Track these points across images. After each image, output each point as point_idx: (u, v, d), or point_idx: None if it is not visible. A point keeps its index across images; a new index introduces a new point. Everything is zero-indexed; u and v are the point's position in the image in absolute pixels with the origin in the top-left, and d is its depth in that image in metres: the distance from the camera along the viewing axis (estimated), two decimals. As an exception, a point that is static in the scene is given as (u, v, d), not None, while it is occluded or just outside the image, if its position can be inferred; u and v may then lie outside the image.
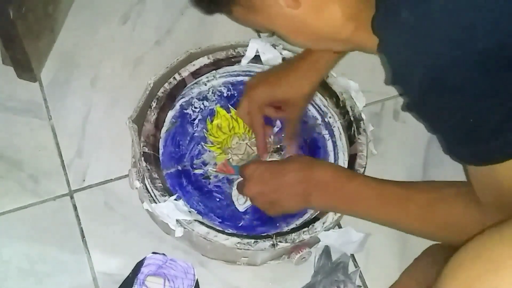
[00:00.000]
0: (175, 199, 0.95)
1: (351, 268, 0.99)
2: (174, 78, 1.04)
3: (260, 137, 1.01)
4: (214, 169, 1.02)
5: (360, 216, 0.94)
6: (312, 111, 1.06)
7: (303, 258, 0.96)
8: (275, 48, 1.07)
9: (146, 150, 0.98)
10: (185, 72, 1.05)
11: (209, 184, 1.01)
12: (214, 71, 1.07)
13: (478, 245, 0.62)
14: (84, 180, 1.04)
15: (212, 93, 1.07)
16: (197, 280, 0.96)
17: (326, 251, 0.98)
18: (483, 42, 0.62)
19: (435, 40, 0.65)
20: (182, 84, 1.05)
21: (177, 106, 1.04)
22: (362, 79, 1.07)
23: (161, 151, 1.01)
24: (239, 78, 1.08)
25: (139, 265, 0.95)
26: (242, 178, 0.97)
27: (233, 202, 0.99)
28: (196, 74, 1.06)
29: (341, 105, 1.05)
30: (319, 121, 1.06)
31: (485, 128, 0.67)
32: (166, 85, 1.04)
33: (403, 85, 0.73)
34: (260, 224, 0.97)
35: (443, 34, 0.64)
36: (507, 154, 0.67)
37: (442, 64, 0.65)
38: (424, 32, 0.66)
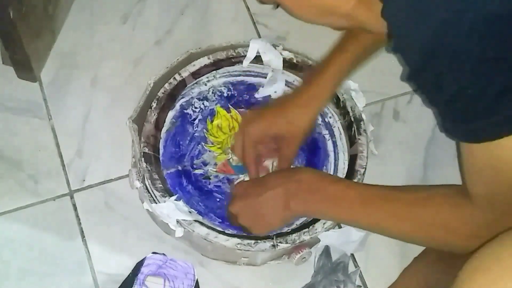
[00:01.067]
0: (175, 200, 0.95)
1: (351, 268, 0.99)
2: (174, 78, 1.04)
3: (252, 173, 0.99)
4: (214, 169, 1.02)
5: (343, 220, 0.92)
6: (312, 111, 1.06)
7: (303, 258, 0.96)
8: (275, 49, 1.07)
9: (147, 150, 0.98)
10: (185, 72, 1.05)
11: (209, 184, 1.01)
12: (214, 71, 1.07)
13: (494, 249, 0.62)
14: (84, 180, 1.04)
15: (212, 93, 1.07)
16: (197, 280, 0.96)
17: (326, 251, 0.98)
18: (488, 7, 0.61)
19: (438, 1, 0.64)
20: (182, 84, 1.05)
21: (177, 106, 1.04)
22: (362, 79, 1.07)
23: (161, 151, 1.01)
24: (239, 78, 1.08)
25: (139, 265, 0.95)
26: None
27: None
28: (196, 74, 1.06)
29: (342, 105, 1.05)
30: (319, 121, 1.06)
31: (483, 102, 0.66)
32: (166, 85, 1.03)
33: (404, 51, 0.71)
34: (260, 224, 0.97)
35: None
36: (506, 130, 0.66)
37: (444, 27, 0.64)
38: None
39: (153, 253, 0.96)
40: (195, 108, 1.05)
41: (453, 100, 0.68)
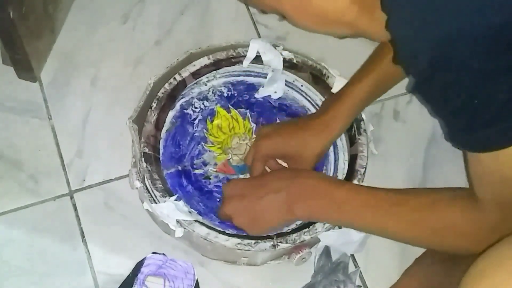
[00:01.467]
0: (176, 200, 0.95)
1: (351, 268, 0.99)
2: (175, 78, 1.04)
3: None
4: (214, 169, 1.02)
5: (349, 224, 0.91)
6: (313, 111, 1.06)
7: (303, 258, 0.96)
8: (275, 49, 1.07)
9: (147, 150, 0.98)
10: (185, 72, 1.05)
11: (209, 184, 1.01)
12: (214, 71, 1.07)
13: (499, 253, 0.62)
14: (84, 180, 1.04)
15: (212, 93, 1.07)
16: (197, 280, 0.96)
17: (326, 251, 0.98)
18: (493, 17, 0.61)
19: (444, 11, 0.64)
20: (182, 84, 1.05)
21: (177, 106, 1.04)
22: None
23: (161, 151, 1.01)
24: (240, 78, 1.08)
25: (139, 265, 0.95)
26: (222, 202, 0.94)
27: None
28: (196, 74, 1.06)
29: (341, 105, 1.05)
30: (319, 121, 1.06)
31: (489, 111, 0.66)
32: (166, 85, 1.03)
33: (410, 62, 0.71)
34: (260, 224, 0.97)
35: (453, 5, 0.63)
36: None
37: (450, 37, 0.64)
38: (433, 3, 0.65)
39: (153, 253, 0.97)
40: (195, 108, 1.05)
41: (459, 110, 0.68)
